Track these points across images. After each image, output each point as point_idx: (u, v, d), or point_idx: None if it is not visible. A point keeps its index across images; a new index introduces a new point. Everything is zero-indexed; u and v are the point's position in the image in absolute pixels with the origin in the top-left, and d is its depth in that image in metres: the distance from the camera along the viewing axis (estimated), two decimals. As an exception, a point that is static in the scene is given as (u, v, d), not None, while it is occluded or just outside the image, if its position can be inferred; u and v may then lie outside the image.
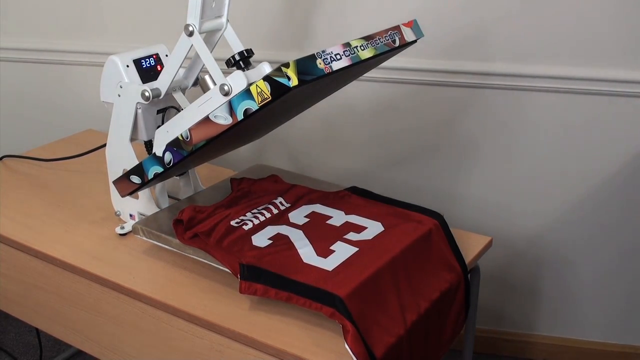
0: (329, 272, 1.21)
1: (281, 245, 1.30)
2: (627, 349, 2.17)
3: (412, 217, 1.40)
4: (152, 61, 1.50)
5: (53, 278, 1.46)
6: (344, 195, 1.50)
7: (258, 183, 1.54)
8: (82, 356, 2.27)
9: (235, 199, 1.47)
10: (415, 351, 1.23)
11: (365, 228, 1.36)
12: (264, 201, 1.46)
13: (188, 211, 1.37)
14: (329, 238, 1.33)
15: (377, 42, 1.28)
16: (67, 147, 1.91)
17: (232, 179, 1.56)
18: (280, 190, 1.51)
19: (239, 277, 1.23)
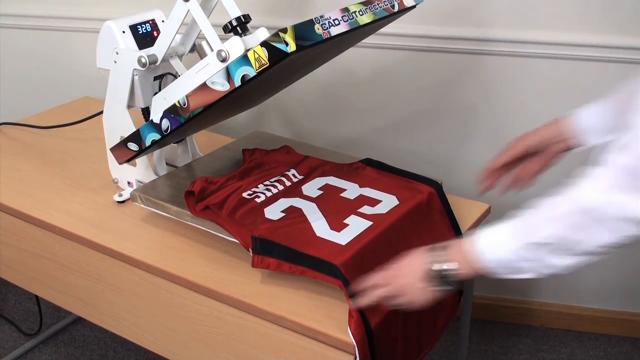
0: (343, 246, 1.21)
1: (294, 218, 1.29)
2: (624, 315, 2.19)
3: (413, 187, 1.39)
4: (149, 27, 1.48)
5: (52, 246, 1.46)
6: (358, 167, 1.48)
7: (270, 154, 1.52)
8: (82, 323, 2.29)
9: (248, 170, 1.45)
10: (410, 320, 1.23)
11: (379, 201, 1.35)
12: (276, 172, 1.45)
13: (199, 182, 1.35)
14: (342, 211, 1.31)
15: (376, 7, 1.27)
16: (65, 114, 1.90)
17: (245, 150, 1.54)
18: (293, 161, 1.50)
19: (251, 251, 1.22)
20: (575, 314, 2.22)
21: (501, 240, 0.99)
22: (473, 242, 1.02)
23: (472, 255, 1.01)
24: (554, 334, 2.23)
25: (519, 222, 0.98)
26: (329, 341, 1.12)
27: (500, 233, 1.00)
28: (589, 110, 1.22)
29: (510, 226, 0.99)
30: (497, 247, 1.00)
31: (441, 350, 2.16)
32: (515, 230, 0.98)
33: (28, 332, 2.23)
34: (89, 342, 2.22)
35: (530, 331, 2.24)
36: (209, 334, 1.28)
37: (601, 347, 2.17)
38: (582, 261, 0.96)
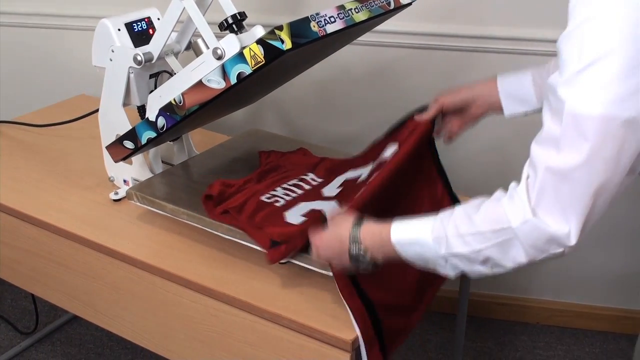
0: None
1: (314, 221, 1.28)
2: (620, 312, 2.19)
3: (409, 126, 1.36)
4: (144, 25, 1.48)
5: (47, 244, 1.46)
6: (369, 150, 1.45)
7: (287, 156, 1.51)
8: (78, 321, 2.28)
9: (264, 173, 1.44)
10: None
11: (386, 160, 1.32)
12: (293, 175, 1.44)
13: (217, 186, 1.34)
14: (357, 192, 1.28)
15: (372, 5, 1.26)
16: (60, 112, 1.90)
17: (261, 152, 1.53)
18: (310, 164, 1.48)
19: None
20: (572, 311, 2.22)
21: (422, 242, 0.99)
22: (392, 235, 1.01)
23: (390, 246, 1.02)
24: (550, 331, 2.23)
25: (443, 229, 0.97)
26: (325, 339, 1.12)
27: (423, 234, 0.99)
28: (509, 78, 1.28)
29: (433, 230, 0.98)
30: (417, 247, 1.00)
31: (437, 347, 2.16)
32: (439, 237, 0.97)
33: (24, 330, 2.23)
34: (85, 340, 2.22)
35: (527, 328, 2.24)
36: (205, 331, 1.28)
37: (597, 344, 2.18)
38: (500, 272, 0.97)
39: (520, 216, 0.90)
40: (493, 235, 0.92)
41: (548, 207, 0.88)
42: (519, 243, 0.91)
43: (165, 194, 1.40)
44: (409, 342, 2.19)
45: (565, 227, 0.88)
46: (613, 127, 0.83)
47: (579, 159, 0.85)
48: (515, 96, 1.27)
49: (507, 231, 0.91)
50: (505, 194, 0.94)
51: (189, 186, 1.43)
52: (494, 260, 0.94)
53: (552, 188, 0.88)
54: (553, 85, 0.87)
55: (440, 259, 0.98)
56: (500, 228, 0.91)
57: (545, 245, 0.90)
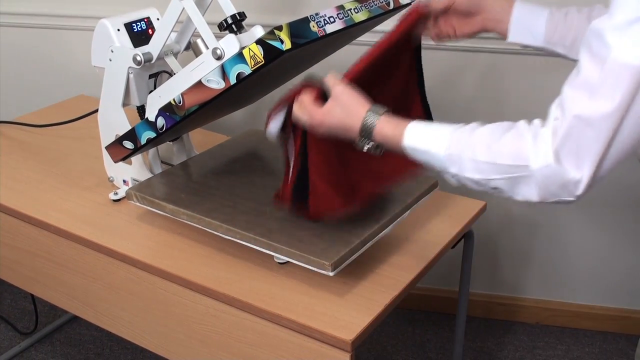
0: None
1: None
2: (619, 311, 2.19)
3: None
4: (144, 25, 1.48)
5: (47, 244, 1.46)
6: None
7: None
8: (77, 322, 2.28)
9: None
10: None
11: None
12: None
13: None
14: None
15: (371, 5, 1.26)
16: (59, 112, 1.90)
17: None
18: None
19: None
20: (571, 311, 2.22)
21: (435, 155, 0.99)
22: (406, 139, 1.01)
23: (398, 146, 1.02)
24: (549, 330, 2.23)
25: (459, 148, 0.97)
26: (325, 339, 1.12)
27: (437, 147, 0.98)
28: (527, 5, 1.23)
29: (449, 146, 0.97)
30: (428, 157, 1.00)
31: (437, 347, 2.16)
32: (452, 155, 0.97)
33: (24, 331, 2.23)
34: (85, 340, 2.22)
35: (526, 328, 2.25)
36: (205, 332, 1.28)
37: (596, 343, 2.18)
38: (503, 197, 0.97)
39: (542, 159, 0.89)
40: (509, 169, 0.92)
41: (570, 153, 0.88)
42: (534, 183, 0.91)
43: (165, 194, 1.40)
44: (408, 342, 2.19)
45: (579, 174, 0.88)
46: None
47: (609, 108, 0.84)
48: (525, 26, 1.23)
49: (524, 169, 0.91)
50: (529, 129, 0.92)
51: (189, 186, 1.43)
52: (502, 190, 0.95)
53: (577, 134, 0.87)
54: (599, 29, 0.85)
55: (448, 174, 0.99)
56: (519, 165, 0.91)
57: (559, 190, 0.90)
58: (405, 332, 2.23)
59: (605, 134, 0.86)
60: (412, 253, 1.32)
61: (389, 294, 1.21)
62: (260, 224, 1.28)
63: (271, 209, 1.33)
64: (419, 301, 2.29)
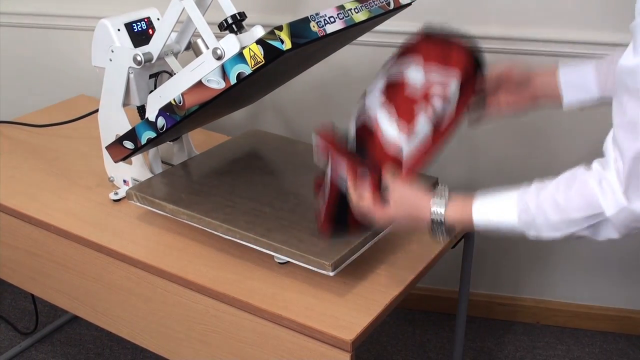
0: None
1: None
2: (619, 312, 2.19)
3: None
4: (144, 25, 1.48)
5: (47, 244, 1.46)
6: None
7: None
8: (78, 322, 2.28)
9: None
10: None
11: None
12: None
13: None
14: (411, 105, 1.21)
15: (372, 5, 1.26)
16: (59, 112, 1.90)
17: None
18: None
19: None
20: (571, 311, 2.22)
21: (508, 225, 1.01)
22: (475, 216, 1.03)
23: (470, 224, 1.04)
24: (549, 330, 2.23)
25: (529, 213, 0.98)
26: (325, 339, 1.12)
27: (508, 217, 1.00)
28: (570, 66, 1.23)
29: (520, 215, 0.99)
30: (502, 228, 1.02)
31: (437, 347, 2.16)
32: (527, 222, 0.99)
33: (24, 331, 2.23)
34: (85, 340, 2.22)
35: (526, 328, 2.24)
36: (205, 332, 1.28)
37: (597, 343, 2.18)
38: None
39: (613, 204, 0.91)
40: (585, 220, 0.94)
41: (637, 191, 0.89)
42: (611, 225, 0.93)
43: (165, 194, 1.40)
44: (408, 342, 2.19)
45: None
46: None
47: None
48: (576, 84, 1.22)
49: (599, 216, 0.93)
50: (592, 175, 0.94)
51: (189, 186, 1.43)
52: (586, 237, 0.97)
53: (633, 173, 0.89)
54: (631, 66, 0.87)
55: (529, 236, 1.00)
56: (594, 214, 0.93)
57: (636, 224, 0.92)
58: (406, 332, 2.23)
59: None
60: (412, 253, 1.32)
61: (389, 294, 1.21)
62: (260, 223, 1.28)
63: (271, 209, 1.33)
64: (419, 301, 2.29)
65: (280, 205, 1.35)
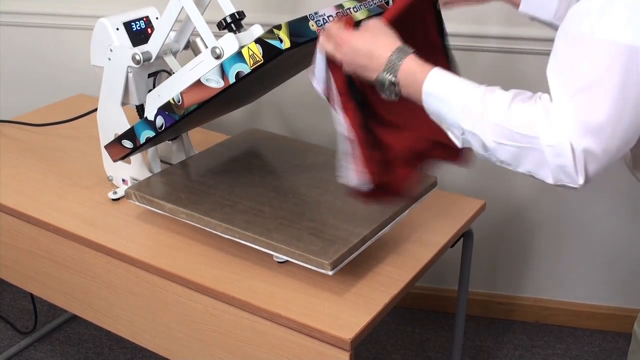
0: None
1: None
2: (618, 310, 2.19)
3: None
4: (143, 24, 1.48)
5: (46, 243, 1.46)
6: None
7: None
8: (77, 321, 2.28)
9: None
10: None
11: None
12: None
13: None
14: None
15: (370, 4, 1.26)
16: (58, 111, 1.90)
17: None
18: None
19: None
20: (570, 310, 2.22)
21: (452, 104, 0.97)
22: (427, 83, 0.99)
23: (418, 90, 1.00)
24: (548, 329, 2.23)
25: (476, 103, 0.96)
26: (325, 338, 1.12)
27: (456, 96, 0.97)
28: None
29: (467, 98, 0.96)
30: (443, 106, 0.98)
31: (436, 346, 2.16)
32: (469, 107, 0.96)
33: (23, 330, 2.23)
34: (84, 340, 2.22)
35: (525, 327, 2.25)
36: (204, 331, 1.28)
37: (596, 342, 2.18)
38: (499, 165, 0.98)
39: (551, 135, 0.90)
40: (520, 137, 0.92)
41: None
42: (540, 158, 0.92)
43: (164, 193, 1.40)
44: (407, 341, 2.19)
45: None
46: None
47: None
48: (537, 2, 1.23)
49: (533, 141, 0.91)
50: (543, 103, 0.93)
51: (188, 185, 1.43)
52: (507, 163, 0.96)
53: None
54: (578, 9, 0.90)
55: (457, 128, 0.97)
56: (530, 135, 0.91)
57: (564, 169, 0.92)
58: (405, 331, 2.23)
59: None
60: (411, 252, 1.32)
61: (388, 293, 1.21)
62: (260, 223, 1.28)
63: (270, 208, 1.33)
64: (418, 300, 2.29)
65: (279, 205, 1.35)
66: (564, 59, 0.91)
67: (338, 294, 1.20)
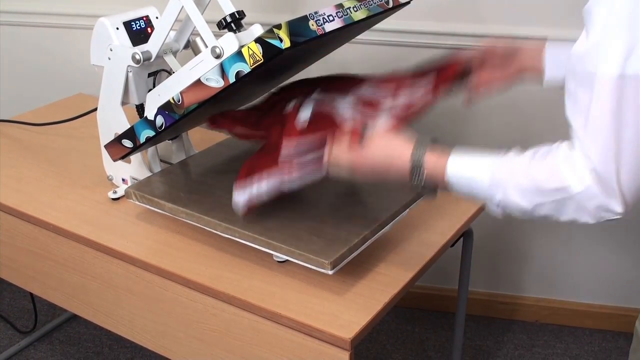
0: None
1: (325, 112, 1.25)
2: (618, 310, 2.19)
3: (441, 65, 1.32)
4: (142, 23, 1.48)
5: (46, 243, 1.46)
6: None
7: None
8: (77, 320, 2.28)
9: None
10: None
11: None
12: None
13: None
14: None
15: (370, 3, 1.26)
16: (58, 111, 1.90)
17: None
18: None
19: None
20: (570, 310, 2.22)
21: (479, 183, 0.98)
22: (449, 167, 1.01)
23: (442, 176, 1.02)
24: (548, 329, 2.23)
25: (500, 173, 0.97)
26: (324, 337, 1.12)
27: (481, 173, 0.98)
28: (557, 43, 1.25)
29: (492, 171, 0.98)
30: (473, 185, 0.99)
31: (436, 346, 2.16)
32: (496, 179, 0.97)
33: (23, 329, 2.23)
34: (84, 339, 2.22)
35: (525, 327, 2.25)
36: (204, 330, 1.28)
37: (596, 342, 2.18)
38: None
39: (579, 181, 0.91)
40: (552, 193, 0.93)
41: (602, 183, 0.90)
42: (577, 205, 0.93)
43: (164, 193, 1.40)
44: (407, 340, 2.19)
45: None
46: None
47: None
48: (560, 61, 1.22)
49: (566, 191, 0.92)
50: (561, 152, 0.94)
51: (188, 185, 1.43)
52: (549, 216, 0.97)
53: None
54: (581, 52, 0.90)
55: (494, 204, 0.99)
56: (561, 187, 0.92)
57: (603, 212, 0.93)
58: (405, 331, 2.24)
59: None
60: (411, 251, 1.32)
61: (388, 292, 1.21)
62: (259, 222, 1.28)
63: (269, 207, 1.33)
64: (418, 300, 2.29)
65: (278, 204, 1.35)
66: (578, 100, 0.91)
67: (338, 294, 1.20)
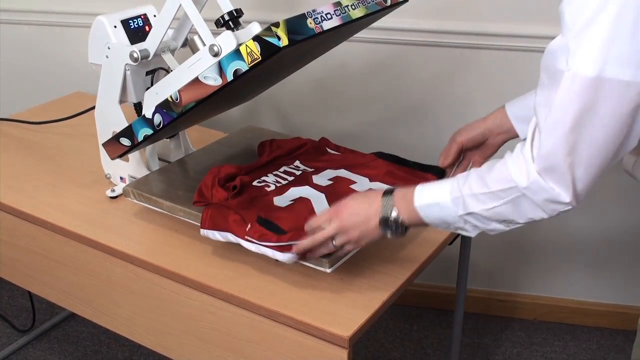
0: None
1: (300, 206, 1.30)
2: (616, 307, 2.20)
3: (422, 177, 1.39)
4: (140, 22, 1.47)
5: (44, 241, 1.46)
6: (369, 160, 1.47)
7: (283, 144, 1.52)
8: (75, 319, 2.28)
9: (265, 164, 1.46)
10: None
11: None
12: (285, 163, 1.46)
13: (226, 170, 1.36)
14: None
15: (368, 1, 1.26)
16: (56, 109, 1.89)
17: (260, 144, 1.54)
18: (301, 146, 1.51)
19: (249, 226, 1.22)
20: (568, 307, 2.23)
21: (442, 203, 1.04)
22: (415, 198, 1.07)
23: (414, 210, 1.07)
24: (546, 327, 2.24)
25: (459, 190, 1.02)
26: (323, 335, 1.12)
27: (442, 196, 1.04)
28: (515, 102, 1.30)
29: (451, 191, 1.03)
30: (438, 209, 1.05)
31: (435, 344, 2.17)
32: (456, 198, 1.02)
33: (21, 328, 2.23)
34: (82, 338, 2.22)
35: (523, 324, 2.25)
36: (202, 329, 1.28)
37: (594, 339, 2.18)
38: (514, 228, 1.03)
39: (525, 177, 0.95)
40: (503, 193, 0.98)
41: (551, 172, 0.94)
42: (529, 201, 0.96)
43: (162, 191, 1.39)
44: (406, 338, 2.19)
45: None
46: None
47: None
48: (525, 117, 1.26)
49: (515, 190, 0.96)
50: (511, 156, 0.99)
51: (186, 183, 1.43)
52: (512, 220, 1.01)
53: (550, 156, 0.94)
54: (554, 48, 0.96)
55: (459, 220, 1.04)
56: (509, 187, 0.97)
57: (554, 205, 0.96)
58: (403, 329, 2.24)
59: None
60: (409, 250, 1.32)
61: (387, 290, 1.21)
62: (258, 220, 1.28)
63: (268, 205, 1.33)
64: (416, 298, 2.29)
65: (277, 202, 1.35)
66: (547, 93, 0.94)
67: (336, 292, 1.20)
